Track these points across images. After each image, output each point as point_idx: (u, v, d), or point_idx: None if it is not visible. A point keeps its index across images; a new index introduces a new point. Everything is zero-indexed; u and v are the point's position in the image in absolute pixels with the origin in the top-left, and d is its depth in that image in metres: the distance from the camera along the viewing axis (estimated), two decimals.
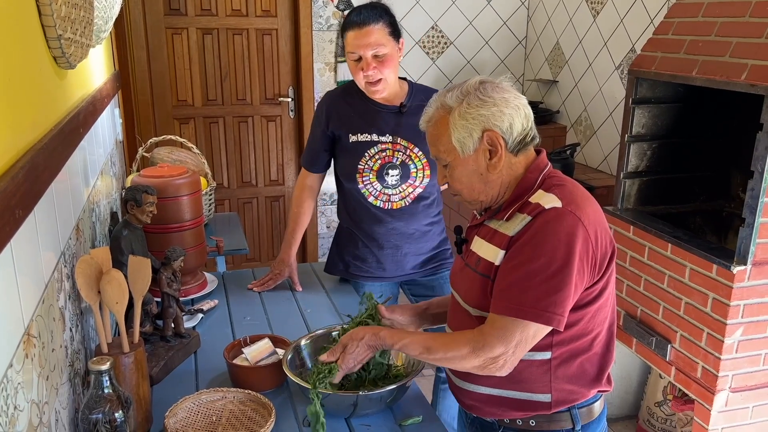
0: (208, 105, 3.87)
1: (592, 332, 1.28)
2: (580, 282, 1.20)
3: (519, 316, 1.19)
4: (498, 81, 1.29)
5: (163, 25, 3.68)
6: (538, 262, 1.18)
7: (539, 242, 1.19)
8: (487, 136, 1.25)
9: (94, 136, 1.84)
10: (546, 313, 1.18)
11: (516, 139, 1.26)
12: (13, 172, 0.88)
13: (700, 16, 2.22)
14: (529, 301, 1.18)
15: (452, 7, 3.97)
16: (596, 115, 3.54)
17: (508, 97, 1.26)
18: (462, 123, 1.25)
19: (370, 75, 1.89)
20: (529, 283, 1.19)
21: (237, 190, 4.04)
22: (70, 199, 1.36)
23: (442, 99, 1.30)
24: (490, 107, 1.24)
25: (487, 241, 1.31)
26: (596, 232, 1.21)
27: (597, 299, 1.26)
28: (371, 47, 1.87)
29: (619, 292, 2.52)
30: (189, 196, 1.95)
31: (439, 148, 1.31)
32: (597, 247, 1.21)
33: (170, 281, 1.67)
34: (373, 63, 1.87)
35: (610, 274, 1.27)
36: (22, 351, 0.90)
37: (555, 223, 1.19)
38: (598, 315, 1.28)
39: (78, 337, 1.37)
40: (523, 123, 1.27)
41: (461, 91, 1.27)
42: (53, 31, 1.16)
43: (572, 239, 1.18)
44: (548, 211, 1.21)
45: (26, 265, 0.96)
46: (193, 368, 1.65)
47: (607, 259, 1.25)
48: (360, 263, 2.10)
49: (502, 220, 1.29)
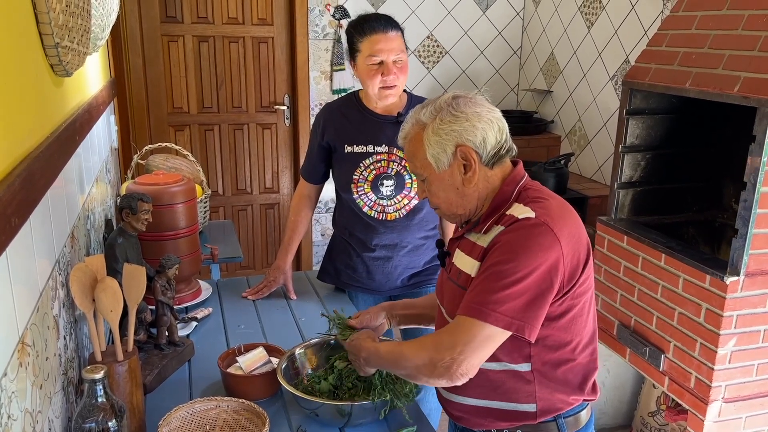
0: (204, 112, 3.87)
1: (572, 341, 1.28)
2: (548, 292, 1.20)
3: (475, 316, 1.19)
4: (471, 95, 1.30)
5: (159, 33, 3.68)
6: (504, 266, 1.18)
7: (508, 249, 1.20)
8: (460, 151, 1.26)
9: (90, 144, 1.84)
10: (504, 316, 1.17)
11: (490, 153, 1.28)
12: (10, 180, 0.88)
13: (693, 28, 2.24)
14: (489, 302, 1.18)
15: (448, 17, 3.99)
16: (590, 125, 3.56)
17: (480, 111, 1.27)
18: (435, 139, 1.27)
19: (390, 79, 1.92)
20: (492, 285, 1.19)
21: (232, 198, 4.03)
22: (65, 207, 1.36)
23: (416, 115, 1.32)
24: (463, 122, 1.25)
25: (467, 254, 1.32)
26: (569, 244, 1.21)
27: (570, 309, 1.26)
28: (394, 52, 1.91)
29: (613, 302, 2.53)
30: (184, 204, 1.95)
31: (416, 163, 1.33)
32: (567, 258, 1.21)
33: (165, 289, 1.67)
34: (393, 68, 1.91)
35: (583, 283, 1.26)
36: (16, 360, 0.90)
37: (526, 232, 1.20)
38: (574, 325, 1.28)
39: (72, 346, 1.36)
40: (497, 136, 1.28)
41: (434, 107, 1.29)
42: (51, 39, 1.16)
43: (542, 249, 1.18)
44: (520, 221, 1.22)
45: (21, 274, 0.95)
46: (186, 377, 1.65)
47: (580, 270, 1.24)
48: (351, 272, 2.11)
49: (480, 233, 1.30)
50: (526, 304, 1.18)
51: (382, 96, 1.96)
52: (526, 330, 1.19)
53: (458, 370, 1.19)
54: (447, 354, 1.19)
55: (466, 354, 1.18)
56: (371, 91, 1.95)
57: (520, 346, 1.26)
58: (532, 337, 1.20)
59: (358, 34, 1.94)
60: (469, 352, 1.18)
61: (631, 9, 3.15)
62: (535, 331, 1.21)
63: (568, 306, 1.25)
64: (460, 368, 1.18)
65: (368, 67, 1.92)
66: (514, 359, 1.27)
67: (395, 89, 1.95)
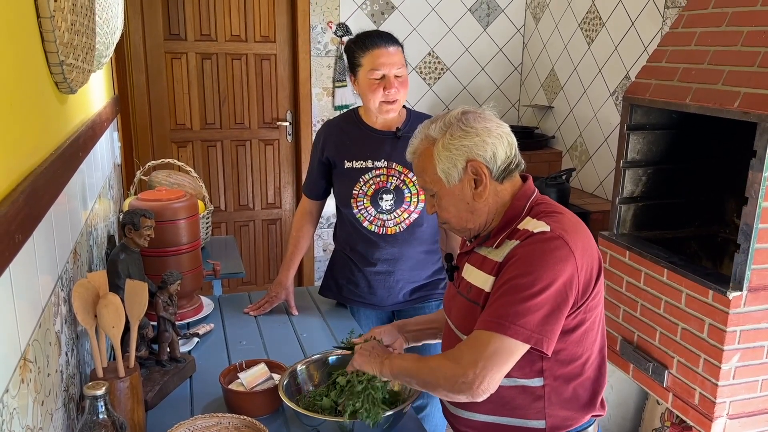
0: (207, 128, 3.89)
1: (582, 356, 1.29)
2: (564, 306, 1.20)
3: (496, 330, 1.18)
4: (480, 110, 1.31)
5: (162, 50, 3.71)
6: (522, 280, 1.19)
7: (526, 263, 1.20)
8: (471, 165, 1.27)
9: (93, 160, 1.85)
10: (523, 329, 1.17)
11: (500, 168, 1.29)
12: (14, 197, 0.88)
13: (693, 44, 2.25)
14: (509, 316, 1.18)
15: (449, 34, 4.02)
16: (591, 141, 3.57)
17: (490, 127, 1.28)
18: (446, 154, 1.28)
19: (392, 93, 1.93)
20: (511, 298, 1.19)
21: (234, 213, 4.04)
22: (68, 223, 1.37)
23: (426, 131, 1.33)
24: (473, 137, 1.26)
25: (477, 268, 1.32)
26: (583, 257, 1.22)
27: (583, 323, 1.26)
28: (395, 66, 1.93)
29: (616, 318, 2.52)
30: (186, 220, 1.95)
31: (426, 178, 1.33)
32: (581, 272, 1.22)
33: (166, 305, 1.67)
34: (395, 82, 1.93)
35: (595, 296, 1.27)
36: (18, 376, 0.90)
37: (542, 245, 1.21)
38: (585, 339, 1.28)
39: (73, 362, 1.36)
40: (507, 151, 1.29)
41: (444, 122, 1.30)
42: (56, 57, 1.17)
43: (558, 263, 1.19)
44: (536, 235, 1.23)
45: (24, 290, 0.96)
46: (188, 393, 1.64)
47: (592, 284, 1.25)
48: (353, 287, 2.11)
49: (492, 247, 1.30)
50: (545, 318, 1.18)
51: (383, 110, 1.97)
52: (545, 343, 1.19)
53: (481, 386, 1.18)
54: (469, 370, 1.18)
55: (488, 369, 1.18)
56: (372, 105, 1.97)
57: (533, 361, 1.25)
58: (549, 350, 1.20)
59: (359, 49, 1.96)
60: (491, 368, 1.18)
61: (631, 25, 3.18)
62: (553, 345, 1.21)
63: (581, 319, 1.26)
64: (482, 384, 1.18)
65: (370, 81, 1.93)
66: (526, 374, 1.27)
67: (396, 104, 1.97)
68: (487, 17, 4.07)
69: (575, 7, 3.63)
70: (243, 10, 3.76)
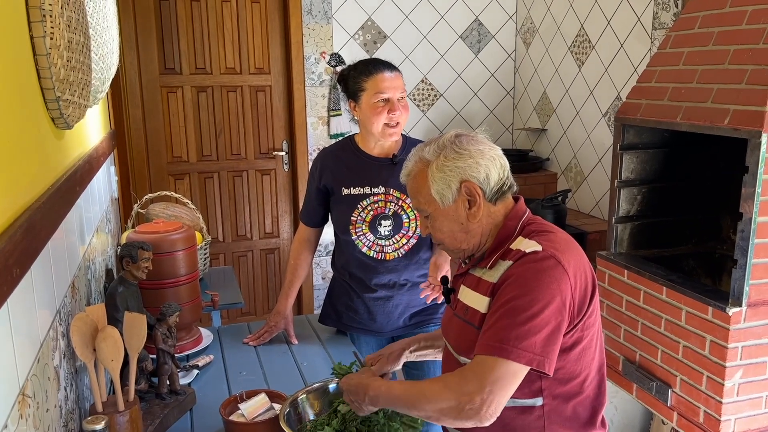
0: (203, 160, 3.91)
1: (581, 375, 1.28)
2: (562, 325, 1.20)
3: (498, 354, 1.18)
4: (473, 134, 1.34)
5: (158, 84, 3.75)
6: (519, 301, 1.19)
7: (521, 284, 1.21)
8: (465, 186, 1.29)
9: (90, 194, 1.86)
10: (526, 352, 1.17)
11: (493, 189, 1.31)
12: (11, 232, 0.89)
13: (681, 64, 2.28)
14: (510, 339, 1.18)
15: (441, 60, 4.07)
16: (586, 162, 3.60)
17: (483, 149, 1.30)
18: (440, 175, 1.30)
19: (396, 115, 1.97)
20: (510, 321, 1.19)
21: (232, 244, 4.04)
22: (66, 257, 1.37)
23: (420, 153, 1.35)
24: (467, 159, 1.29)
25: (473, 289, 1.32)
26: (575, 275, 1.23)
27: (580, 341, 1.26)
28: (399, 90, 1.98)
29: (617, 337, 2.51)
30: (184, 251, 1.96)
31: (420, 200, 1.35)
32: (576, 290, 1.23)
33: (165, 337, 1.66)
34: (398, 106, 1.97)
35: (591, 314, 1.27)
36: (16, 411, 0.89)
37: (535, 265, 1.22)
38: (583, 357, 1.28)
39: (72, 397, 1.35)
40: (500, 173, 1.31)
41: (438, 144, 1.32)
42: (52, 93, 1.19)
43: (553, 282, 1.20)
44: (529, 255, 1.23)
45: (22, 324, 0.96)
46: (188, 426, 1.63)
47: (587, 302, 1.26)
48: (352, 314, 2.10)
49: (486, 267, 1.31)
50: (546, 339, 1.18)
51: (386, 134, 1.99)
52: (546, 364, 1.19)
53: (488, 412, 1.18)
54: (476, 396, 1.17)
55: (494, 394, 1.17)
56: (375, 129, 1.98)
57: (531, 381, 1.25)
58: (551, 371, 1.20)
59: (362, 74, 1.99)
60: (497, 392, 1.18)
61: (620, 47, 3.22)
62: (554, 365, 1.21)
63: (579, 337, 1.26)
64: (489, 409, 1.18)
65: (374, 105, 1.96)
66: (525, 394, 1.26)
67: (399, 127, 2.00)
68: (478, 43, 4.12)
69: (564, 30, 3.68)
70: (237, 42, 3.81)
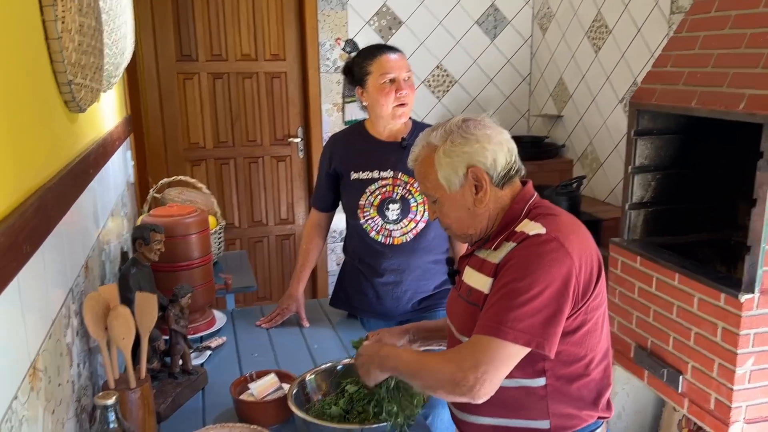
0: (220, 147, 3.94)
1: (586, 357, 1.29)
2: (564, 307, 1.21)
3: (494, 335, 1.19)
4: (480, 118, 1.33)
5: (175, 71, 3.78)
6: (519, 283, 1.20)
7: (522, 266, 1.21)
8: (472, 172, 1.29)
9: (105, 178, 1.89)
10: (524, 333, 1.18)
11: (500, 174, 1.31)
12: (22, 209, 0.91)
13: (697, 48, 2.25)
14: (508, 320, 1.18)
15: (456, 46, 4.05)
16: (602, 148, 3.57)
17: (490, 134, 1.30)
18: (447, 161, 1.30)
19: (404, 94, 1.98)
20: (509, 303, 1.19)
21: (248, 230, 4.08)
22: (79, 238, 1.40)
23: (427, 138, 1.35)
24: (473, 144, 1.28)
25: (477, 270, 1.33)
26: (580, 258, 1.23)
27: (584, 324, 1.26)
28: (406, 69, 2.00)
29: (629, 324, 2.51)
30: (197, 235, 1.98)
31: (427, 185, 1.35)
32: (580, 273, 1.23)
33: (178, 318, 1.69)
34: (405, 85, 1.99)
35: (596, 297, 1.27)
36: (27, 384, 0.92)
37: (538, 248, 1.22)
38: (588, 340, 1.28)
39: (86, 374, 1.39)
40: (507, 157, 1.31)
41: (445, 129, 1.32)
42: (64, 77, 1.21)
43: (555, 265, 1.20)
44: (532, 237, 1.24)
45: (33, 300, 0.98)
46: (200, 405, 1.66)
47: (593, 285, 1.26)
48: (362, 297, 2.12)
49: (491, 249, 1.31)
50: (545, 320, 1.19)
51: (395, 114, 2.00)
52: (546, 346, 1.20)
53: (481, 390, 1.19)
54: (470, 374, 1.19)
55: (489, 374, 1.19)
56: (385, 111, 1.99)
57: (534, 361, 1.26)
58: (552, 352, 1.21)
59: (367, 58, 2.01)
60: (492, 372, 1.19)
61: (638, 32, 3.18)
62: (555, 347, 1.21)
63: (582, 321, 1.26)
64: (483, 388, 1.19)
65: (381, 86, 1.97)
66: (527, 374, 1.27)
67: (407, 107, 2.01)
68: (494, 29, 4.10)
69: (581, 16, 3.65)
70: (253, 29, 3.83)
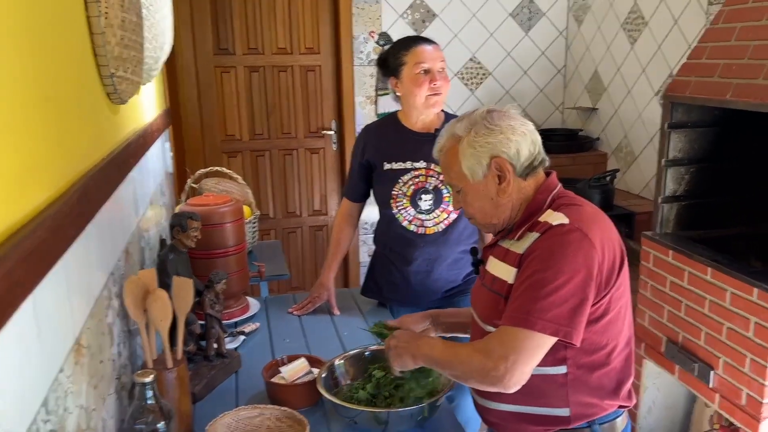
0: (255, 139, 4.02)
1: (607, 346, 1.30)
2: (588, 296, 1.22)
3: (522, 325, 1.21)
4: (505, 109, 1.35)
5: (212, 65, 3.87)
6: (544, 274, 1.22)
7: (546, 256, 1.23)
8: (495, 162, 1.31)
9: (145, 168, 1.96)
10: (551, 323, 1.20)
11: (524, 164, 1.32)
12: (67, 196, 0.97)
13: (733, 40, 2.22)
14: (535, 311, 1.21)
15: (490, 39, 4.05)
16: (637, 141, 3.53)
17: (514, 125, 1.32)
18: (471, 151, 1.32)
19: (438, 85, 2.01)
20: (535, 293, 1.22)
21: (282, 220, 4.15)
22: (120, 224, 1.47)
23: (452, 129, 1.37)
24: (497, 135, 1.31)
25: (501, 260, 1.35)
26: (603, 247, 1.24)
27: (607, 313, 1.28)
28: (439, 60, 2.03)
29: (660, 318, 2.49)
30: (232, 224, 2.04)
31: (451, 175, 1.38)
32: (603, 262, 1.24)
33: (213, 303, 1.76)
34: (439, 76, 2.01)
35: (619, 287, 1.29)
36: (72, 358, 0.98)
37: (561, 239, 1.23)
38: (610, 329, 1.29)
39: (126, 353, 1.46)
40: (530, 148, 1.33)
41: (469, 120, 1.35)
42: (107, 70, 1.27)
43: (578, 254, 1.22)
44: (555, 228, 1.25)
45: (77, 281, 1.05)
46: (233, 387, 1.72)
47: (615, 274, 1.27)
48: (392, 287, 2.16)
49: (514, 239, 1.33)
50: (571, 310, 1.21)
51: (429, 104, 2.03)
52: (573, 335, 1.22)
53: (511, 380, 1.22)
54: (500, 364, 1.21)
55: (518, 364, 1.21)
56: (419, 101, 2.02)
57: (555, 350, 1.27)
58: (578, 341, 1.23)
59: (402, 50, 2.05)
60: (521, 362, 1.21)
61: (674, 23, 3.14)
62: (580, 336, 1.23)
63: (605, 310, 1.28)
64: (513, 378, 1.22)
65: (415, 76, 2.00)
66: (548, 362, 1.29)
67: (441, 97, 2.04)
68: (528, 21, 4.08)
69: (617, 8, 3.61)
70: (288, 23, 3.88)
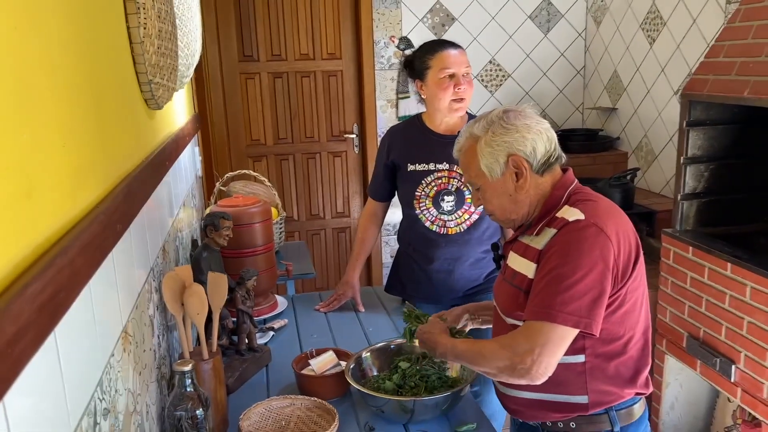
0: (279, 143, 4.11)
1: (624, 336, 1.35)
2: (606, 288, 1.27)
3: (546, 319, 1.27)
4: (521, 109, 1.41)
5: (237, 71, 3.96)
6: (563, 269, 1.27)
7: (564, 252, 1.29)
8: (512, 160, 1.37)
9: (177, 170, 2.04)
10: (572, 316, 1.25)
11: (540, 161, 1.38)
12: (114, 195, 1.05)
13: (750, 38, 2.25)
14: (556, 304, 1.26)
15: (509, 41, 4.09)
16: (657, 140, 3.55)
17: (530, 123, 1.38)
18: (488, 150, 1.38)
19: (462, 90, 2.05)
20: (555, 288, 1.27)
21: (306, 223, 4.23)
22: (157, 223, 1.55)
23: (470, 129, 1.43)
24: (513, 134, 1.36)
25: (521, 255, 1.41)
26: (618, 241, 1.29)
27: (623, 304, 1.33)
28: (465, 65, 2.08)
29: (681, 314, 2.52)
30: (261, 224, 2.12)
31: (470, 173, 1.44)
32: (619, 255, 1.29)
33: (244, 299, 1.83)
34: (463, 81, 2.06)
35: (635, 279, 1.33)
36: (121, 345, 1.06)
37: (578, 234, 1.29)
38: (627, 319, 1.34)
39: (165, 345, 1.53)
40: (546, 146, 1.38)
41: (487, 120, 1.40)
42: (145, 77, 1.35)
43: (595, 248, 1.27)
44: (571, 224, 1.31)
45: (124, 274, 1.12)
46: (264, 379, 1.79)
47: (631, 266, 1.32)
48: (415, 285, 2.22)
49: (533, 235, 1.39)
50: (590, 302, 1.26)
51: (452, 108, 2.07)
52: (593, 326, 1.27)
53: (538, 371, 1.27)
54: (527, 357, 1.27)
55: (543, 356, 1.26)
56: (442, 105, 2.07)
57: (574, 339, 1.32)
58: (597, 332, 1.28)
59: (428, 53, 2.09)
60: (547, 354, 1.27)
61: (693, 23, 3.16)
62: (599, 327, 1.28)
63: (622, 301, 1.33)
64: (540, 369, 1.27)
65: (440, 81, 2.05)
66: (567, 351, 1.33)
67: (464, 102, 2.08)
68: (547, 23, 4.12)
69: (636, 8, 3.63)
70: (310, 30, 3.97)
